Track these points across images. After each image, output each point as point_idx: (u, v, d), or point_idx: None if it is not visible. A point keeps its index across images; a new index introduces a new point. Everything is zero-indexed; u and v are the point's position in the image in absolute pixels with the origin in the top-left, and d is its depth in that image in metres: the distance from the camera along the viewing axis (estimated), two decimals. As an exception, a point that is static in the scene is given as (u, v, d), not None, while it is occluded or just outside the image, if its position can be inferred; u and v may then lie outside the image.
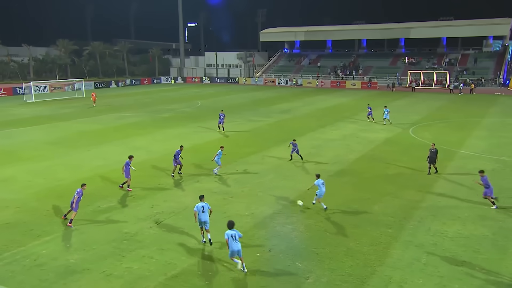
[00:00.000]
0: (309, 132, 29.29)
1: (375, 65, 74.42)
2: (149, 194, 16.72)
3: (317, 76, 73.69)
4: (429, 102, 46.39)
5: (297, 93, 58.43)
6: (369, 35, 77.48)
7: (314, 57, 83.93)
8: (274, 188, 17.45)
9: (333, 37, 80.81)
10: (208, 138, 27.33)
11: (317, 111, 39.98)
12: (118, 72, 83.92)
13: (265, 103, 45.78)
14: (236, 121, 33.98)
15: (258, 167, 20.46)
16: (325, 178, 18.52)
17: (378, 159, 21.89)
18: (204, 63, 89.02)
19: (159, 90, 62.69)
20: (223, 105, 45.13)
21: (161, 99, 51.09)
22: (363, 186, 17.52)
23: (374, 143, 25.52)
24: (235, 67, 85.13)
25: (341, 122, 33.14)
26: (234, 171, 19.84)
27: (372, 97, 51.74)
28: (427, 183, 17.78)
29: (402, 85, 64.80)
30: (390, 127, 30.77)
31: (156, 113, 38.81)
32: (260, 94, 57.56)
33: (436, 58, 72.05)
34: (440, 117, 34.99)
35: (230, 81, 77.79)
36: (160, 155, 22.93)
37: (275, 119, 35.17)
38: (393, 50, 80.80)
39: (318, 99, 50.27)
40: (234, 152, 23.00)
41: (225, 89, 65.67)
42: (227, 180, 18.47)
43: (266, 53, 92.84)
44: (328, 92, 59.33)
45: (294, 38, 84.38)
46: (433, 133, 28.35)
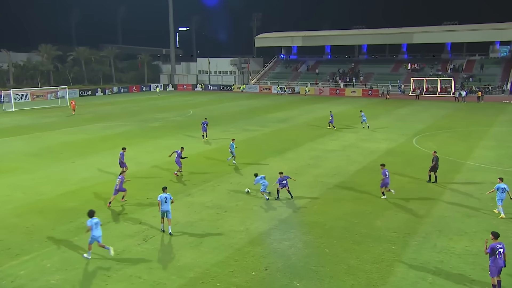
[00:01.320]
0: (307, 142, 29.38)
1: (376, 71, 75.13)
2: (137, 208, 16.64)
3: (315, 83, 74.24)
4: (433, 110, 46.82)
5: (294, 101, 58.74)
6: (369, 40, 78.33)
7: (312, 63, 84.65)
8: (270, 202, 17.42)
9: (332, 42, 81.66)
10: (200, 148, 27.32)
11: (316, 120, 40.18)
12: (105, 79, 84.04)
13: (261, 112, 45.94)
14: (230, 130, 34.02)
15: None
16: (324, 191, 18.63)
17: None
18: (196, 70, 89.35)
19: (148, 98, 62.76)
20: (217, 113, 45.25)
21: (151, 107, 51.12)
22: (364, 200, 17.56)
23: (376, 154, 25.65)
24: (229, 74, 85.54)
25: (341, 132, 33.30)
26: (228, 183, 19.82)
27: (373, 105, 52.12)
28: (432, 196, 17.86)
29: (405, 92, 65.40)
30: (393, 136, 30.97)
31: (145, 122, 38.80)
32: (255, 102, 57.78)
33: (440, 64, 72.86)
34: (445, 126, 35.30)
35: (224, 88, 78.13)
36: (149, 166, 22.86)
37: (271, 128, 35.26)
38: (395, 56, 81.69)
39: (316, 108, 50.55)
40: (228, 163, 22.98)
41: (219, 97, 65.91)
42: (221, 193, 18.43)
43: (262, 59, 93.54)
44: (327, 100, 59.73)
45: (291, 43, 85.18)
46: (438, 143, 28.56)
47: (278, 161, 24.01)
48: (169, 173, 21.51)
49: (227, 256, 12.74)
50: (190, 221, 15.39)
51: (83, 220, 15.42)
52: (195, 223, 15.24)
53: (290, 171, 21.95)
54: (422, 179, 20.25)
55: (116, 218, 15.76)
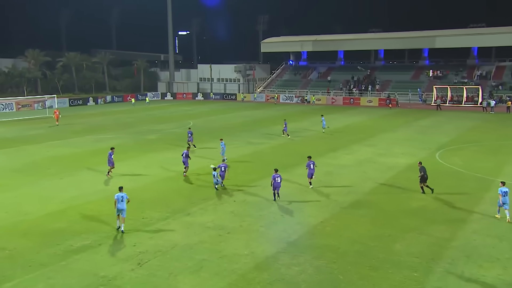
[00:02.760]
0: (319, 157, 29.36)
1: (395, 79, 75.36)
2: (132, 229, 16.66)
3: (328, 92, 74.54)
4: (458, 122, 46.72)
5: (304, 111, 58.89)
6: (387, 45, 78.77)
7: (323, 70, 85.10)
8: (278, 222, 17.39)
9: (345, 47, 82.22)
10: (200, 163, 27.41)
11: (328, 132, 40.23)
12: (97, 87, 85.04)
13: (268, 123, 46.08)
14: (233, 143, 34.16)
15: (260, 197, 20.46)
16: (337, 211, 18.57)
17: (399, 188, 21.89)
18: (197, 77, 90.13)
19: (145, 108, 63.30)
20: (219, 124, 45.48)
21: (147, 118, 51.50)
22: (382, 221, 17.47)
23: (395, 170, 25.58)
24: (232, 81, 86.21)
25: (355, 145, 33.29)
26: (231, 202, 19.83)
27: (391, 116, 52.12)
28: (458, 217, 17.73)
29: (426, 102, 65.38)
30: (413, 150, 30.89)
31: (140, 134, 39.07)
32: (261, 112, 57.98)
33: (466, 71, 72.93)
34: (472, 140, 35.19)
35: (227, 97, 78.65)
36: (144, 183, 22.95)
37: (279, 141, 35.35)
38: (415, 62, 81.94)
39: (328, 118, 50.56)
40: (231, 180, 23.04)
41: (221, 106, 66.29)
42: (223, 212, 18.43)
43: (268, 66, 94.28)
44: (340, 110, 59.88)
45: (301, 48, 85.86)
46: (464, 158, 28.45)
47: (286, 178, 23.99)
48: (166, 190, 21.57)
49: (230, 282, 12.69)
50: (189, 243, 15.38)
51: (71, 243, 15.46)
52: (194, 245, 15.22)
53: (299, 189, 21.96)
54: (447, 198, 20.12)
55: (107, 239, 15.78)
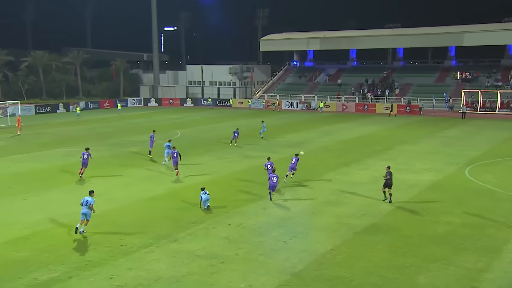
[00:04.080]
0: (328, 172, 29.39)
1: (416, 82, 75.79)
2: (108, 259, 16.58)
3: (338, 97, 74.87)
4: (491, 132, 46.86)
5: (311, 119, 59.02)
6: (407, 43, 79.32)
7: (333, 72, 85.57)
8: (280, 250, 17.34)
9: (358, 45, 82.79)
10: (189, 180, 27.37)
11: (338, 144, 40.27)
12: (69, 91, 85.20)
13: (268, 133, 46.14)
14: (228, 157, 34.14)
15: (259, 220, 20.43)
16: (350, 236, 18.52)
17: (422, 210, 21.87)
18: (186, 80, 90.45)
19: (125, 116, 63.40)
20: (212, 135, 45.54)
21: (127, 128, 51.55)
22: (403, 248, 17.43)
23: (417, 188, 25.57)
24: (227, 85, 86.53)
25: (370, 159, 33.32)
26: (226, 225, 19.77)
27: (412, 126, 52.25)
28: (493, 245, 17.70)
29: (454, 109, 65.58)
30: (439, 165, 30.93)
31: (119, 147, 39.08)
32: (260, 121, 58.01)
33: (500, 72, 73.37)
34: (508, 153, 35.28)
35: (221, 103, 78.90)
36: (123, 204, 22.89)
37: (281, 154, 35.36)
38: (440, 62, 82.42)
39: (339, 128, 50.72)
40: (225, 200, 22.99)
41: (214, 114, 66.42)
42: (216, 238, 18.38)
43: (269, 67, 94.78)
44: (353, 118, 60.04)
45: (306, 47, 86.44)
46: (499, 175, 28.48)
47: (288, 197, 23.96)
48: (149, 212, 21.51)
49: (223, 322, 12.59)
50: (176, 275, 15.30)
51: (36, 275, 15.37)
52: (182, 278, 15.14)
53: (305, 209, 21.93)
54: (479, 223, 20.11)
55: (79, 271, 15.68)
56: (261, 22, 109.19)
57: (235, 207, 22.33)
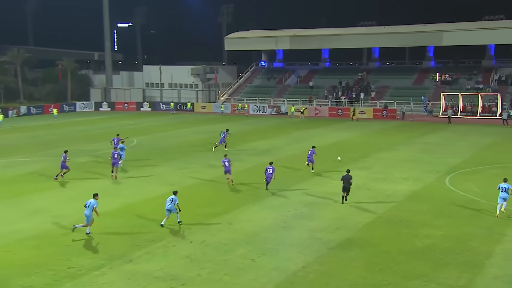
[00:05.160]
0: (299, 183, 29.51)
1: (393, 84, 77.09)
2: (53, 284, 16.18)
3: (310, 101, 75.51)
4: (473, 138, 48.06)
5: (281, 125, 59.32)
6: (383, 42, 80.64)
7: (304, 74, 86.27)
8: (247, 269, 17.29)
9: (331, 44, 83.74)
10: (147, 193, 27.04)
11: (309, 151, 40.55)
12: (8, 95, 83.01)
13: (234, 141, 46.11)
14: (189, 167, 33.92)
15: (224, 236, 20.32)
16: (323, 252, 18.62)
17: (400, 223, 22.18)
18: (143, 82, 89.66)
19: (72, 122, 62.37)
20: (172, 142, 45.20)
21: (75, 136, 50.72)
22: (380, 265, 17.61)
23: (395, 199, 25.94)
24: (189, 87, 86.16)
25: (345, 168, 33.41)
26: (187, 243, 19.60)
27: (389, 131, 53.12)
28: (475, 260, 18.06)
29: (433, 113, 66.94)
30: (418, 174, 31.47)
31: (66, 156, 38.37)
32: (226, 126, 57.79)
33: (481, 74, 75.28)
34: (490, 161, 36.19)
35: (182, 107, 78.48)
36: (71, 221, 22.39)
37: (248, 163, 35.38)
38: (418, 63, 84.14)
39: (311, 134, 51.06)
40: (187, 215, 22.80)
41: (174, 119, 66.06)
42: (176, 257, 18.18)
43: (235, 68, 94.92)
44: (326, 123, 60.61)
45: (275, 46, 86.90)
46: (481, 184, 29.16)
47: (257, 210, 23.95)
48: (101, 230, 21.11)
49: None
50: (131, 299, 15.06)
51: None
52: (137, 302, 14.90)
53: (275, 223, 21.94)
54: (461, 235, 20.52)
55: (20, 297, 15.26)
56: (226, 19, 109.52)
57: (197, 222, 22.15)
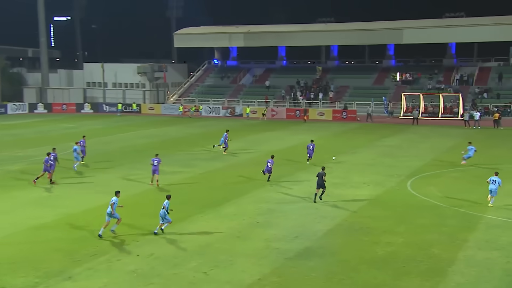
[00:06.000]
0: (255, 189, 29.57)
1: (353, 84, 78.30)
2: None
3: (266, 101, 75.80)
4: (434, 140, 49.35)
5: (235, 127, 59.35)
6: (342, 40, 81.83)
7: (260, 73, 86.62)
8: (199, 283, 17.20)
9: (288, 42, 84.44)
10: (88, 203, 26.58)
11: (267, 155, 40.48)
12: None
13: (185, 145, 45.81)
14: (136, 173, 33.53)
15: (174, 249, 20.19)
16: (280, 263, 18.73)
17: (361, 230, 22.51)
18: (84, 81, 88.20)
19: (3, 126, 60.77)
20: (116, 147, 44.52)
21: (6, 140, 49.54)
22: (340, 275, 17.80)
23: (355, 205, 26.32)
24: (135, 87, 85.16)
25: (304, 173, 33.95)
26: (134, 256, 19.35)
27: (349, 134, 53.93)
28: (437, 267, 18.48)
29: (394, 114, 68.27)
30: (379, 178, 32.05)
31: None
32: (176, 130, 57.70)
33: (442, 73, 77.42)
34: (453, 163, 37.14)
35: (127, 109, 77.48)
36: (2, 235, 21.80)
37: (200, 169, 35.25)
38: (379, 62, 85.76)
39: (267, 137, 51.28)
40: (133, 226, 22.59)
41: (119, 122, 65.23)
42: (121, 273, 17.92)
43: (186, 66, 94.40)
44: (283, 126, 60.97)
45: (229, 43, 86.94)
46: (443, 188, 29.96)
47: (210, 219, 23.87)
48: (37, 244, 20.61)
49: None
50: (71, 320, 14.76)
51: None
52: (78, 322, 14.62)
53: (229, 233, 21.91)
54: (422, 242, 20.99)
55: None
56: (175, 13, 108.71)
57: (145, 233, 21.88)
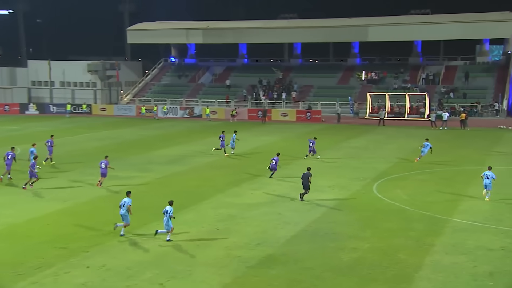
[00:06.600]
0: (215, 195, 29.49)
1: (317, 84, 79.03)
2: None
3: (226, 101, 75.74)
4: (401, 141, 50.18)
5: (194, 129, 59.12)
6: (305, 37, 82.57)
7: (220, 71, 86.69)
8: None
9: (249, 39, 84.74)
10: (34, 211, 26.06)
11: (228, 159, 40.72)
12: None
13: (141, 148, 45.43)
14: (86, 179, 33.08)
15: (128, 259, 19.94)
16: (242, 271, 18.71)
17: (326, 236, 22.65)
18: (28, 80, 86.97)
19: None
20: (64, 151, 43.79)
21: None
22: (304, 283, 17.87)
23: (320, 210, 26.51)
24: (85, 86, 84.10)
25: (266, 177, 34.05)
26: (83, 268, 19.02)
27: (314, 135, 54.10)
28: (404, 273, 18.73)
29: (359, 115, 69.14)
30: (344, 181, 32.40)
31: None
32: (131, 132, 57.29)
33: (408, 72, 78.95)
34: (419, 165, 37.79)
35: (77, 110, 76.34)
36: None
37: (157, 174, 35.03)
38: (343, 60, 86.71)
39: (229, 139, 51.23)
40: (83, 235, 22.30)
41: (68, 124, 64.39)
42: (69, 285, 17.60)
43: (140, 64, 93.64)
44: (245, 127, 60.99)
45: (187, 39, 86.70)
46: (409, 191, 30.45)
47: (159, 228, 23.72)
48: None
49: None
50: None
51: None
52: None
53: (187, 241, 21.79)
54: (388, 248, 21.27)
55: None
56: (128, 7, 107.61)
57: (96, 243, 21.55)
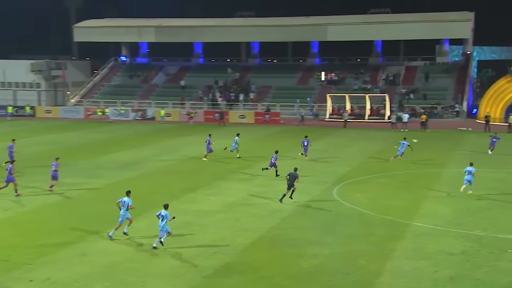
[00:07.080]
0: (170, 201, 28.83)
1: (276, 84, 79.49)
2: None
3: (181, 103, 75.40)
4: (361, 143, 50.95)
5: (147, 132, 58.67)
6: (263, 36, 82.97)
7: (174, 71, 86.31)
8: (106, 308, 16.84)
9: (204, 37, 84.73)
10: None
11: (183, 163, 40.60)
12: None
13: (89, 152, 44.90)
14: (30, 186, 32.53)
15: (76, 271, 19.65)
16: (198, 281, 18.66)
17: (285, 242, 22.76)
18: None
19: None
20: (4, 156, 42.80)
21: None
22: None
23: (279, 215, 26.64)
24: (28, 87, 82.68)
25: (223, 182, 34.07)
26: (26, 282, 18.63)
27: (272, 138, 54.61)
28: (364, 279, 18.98)
29: (319, 117, 69.81)
30: (304, 186, 32.55)
31: None
32: (79, 135, 56.60)
33: (368, 73, 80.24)
34: (379, 169, 38.49)
35: (19, 112, 74.89)
36: None
37: (107, 180, 34.75)
38: (302, 60, 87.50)
39: (183, 143, 51.20)
40: (26, 247, 21.89)
41: (9, 127, 63.45)
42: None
43: (89, 63, 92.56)
44: (201, 130, 60.81)
45: (138, 38, 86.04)
46: (370, 195, 30.92)
47: (118, 236, 23.42)
48: None
49: None
50: None
51: None
52: None
53: (140, 251, 21.64)
54: (350, 253, 21.50)
55: None
56: (75, 3, 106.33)
57: (40, 255, 21.12)
